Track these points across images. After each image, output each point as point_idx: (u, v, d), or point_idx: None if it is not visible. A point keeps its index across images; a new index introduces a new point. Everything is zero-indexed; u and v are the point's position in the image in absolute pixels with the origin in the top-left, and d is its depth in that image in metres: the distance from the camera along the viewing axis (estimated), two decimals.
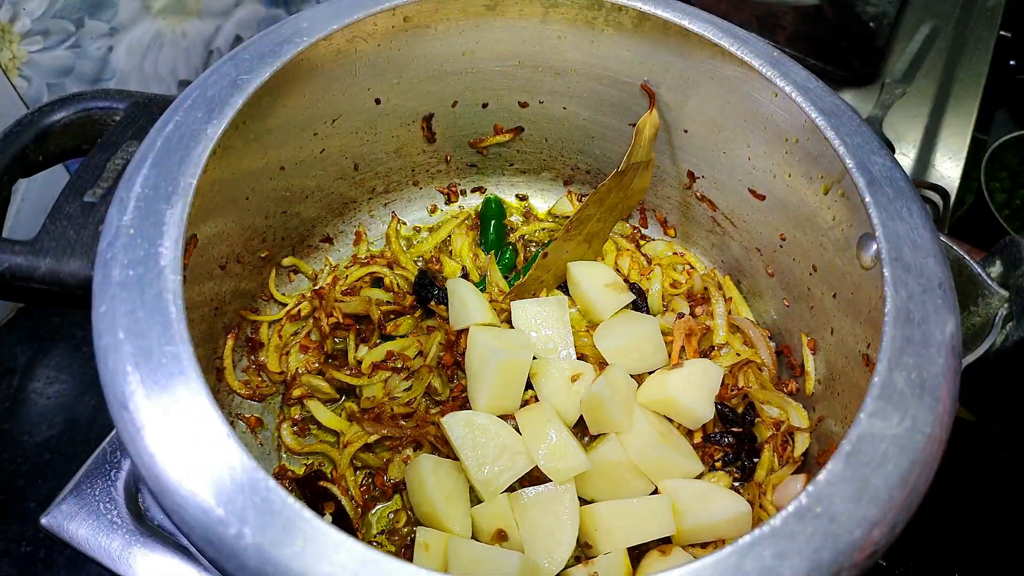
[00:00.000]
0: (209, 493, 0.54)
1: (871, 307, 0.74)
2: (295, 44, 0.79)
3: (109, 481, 0.83)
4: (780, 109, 0.83)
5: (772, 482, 0.85)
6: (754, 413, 0.91)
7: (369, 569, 0.52)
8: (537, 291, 0.99)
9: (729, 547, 0.55)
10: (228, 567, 0.53)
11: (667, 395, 0.87)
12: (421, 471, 0.81)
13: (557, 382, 0.89)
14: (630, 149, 0.95)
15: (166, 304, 0.61)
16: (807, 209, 0.85)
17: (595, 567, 0.77)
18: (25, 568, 1.02)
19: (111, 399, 0.58)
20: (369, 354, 0.93)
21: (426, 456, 0.83)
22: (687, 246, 1.07)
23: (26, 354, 1.19)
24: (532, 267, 0.98)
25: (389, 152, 1.02)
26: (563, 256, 0.99)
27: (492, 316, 0.93)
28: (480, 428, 0.83)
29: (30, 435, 1.12)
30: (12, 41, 1.00)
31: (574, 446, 0.83)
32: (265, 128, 0.82)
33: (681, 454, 0.85)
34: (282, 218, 0.94)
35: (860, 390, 0.70)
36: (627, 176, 0.98)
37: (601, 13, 0.88)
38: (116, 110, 0.80)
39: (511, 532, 0.80)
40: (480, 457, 0.81)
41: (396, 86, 0.94)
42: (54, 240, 0.69)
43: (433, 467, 0.82)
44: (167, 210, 0.66)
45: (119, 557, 0.79)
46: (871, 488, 0.58)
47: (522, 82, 0.98)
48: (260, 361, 0.93)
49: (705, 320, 0.98)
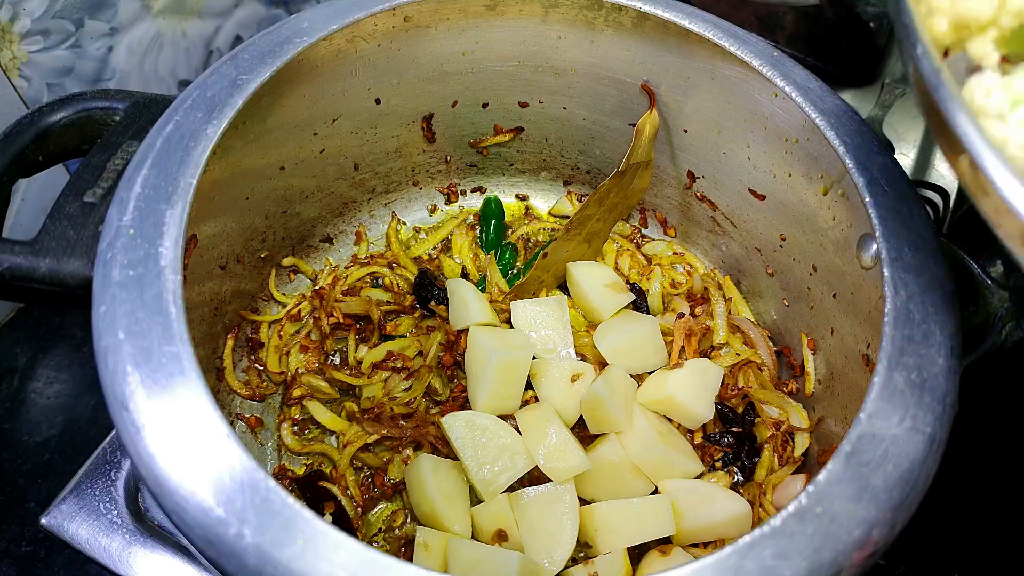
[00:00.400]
0: (209, 493, 0.54)
1: (871, 307, 0.74)
2: (295, 44, 0.79)
3: (109, 481, 0.83)
4: (780, 109, 0.83)
5: (772, 482, 0.85)
6: (754, 413, 0.91)
7: (369, 569, 0.52)
8: (537, 291, 0.99)
9: (729, 547, 0.55)
10: (228, 567, 0.53)
11: (667, 395, 0.87)
12: (421, 471, 0.81)
13: (557, 382, 0.89)
14: (630, 149, 0.95)
15: (166, 304, 0.61)
16: (807, 209, 0.85)
17: (595, 567, 0.77)
18: (25, 568, 1.02)
19: (111, 399, 0.58)
20: (369, 354, 0.93)
21: (426, 456, 0.83)
22: (687, 246, 1.07)
23: (26, 354, 1.19)
24: (532, 267, 0.98)
25: (389, 152, 1.02)
26: (563, 256, 0.99)
27: (492, 316, 0.93)
28: (480, 428, 0.83)
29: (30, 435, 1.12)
30: (12, 41, 1.00)
31: (574, 446, 0.83)
32: (265, 128, 0.82)
33: (681, 454, 0.85)
34: (282, 218, 0.94)
35: (860, 390, 0.70)
36: (627, 176, 0.98)
37: (601, 13, 0.88)
38: (116, 110, 0.80)
39: (511, 532, 0.80)
40: (480, 457, 0.81)
41: (396, 86, 0.94)
42: (54, 240, 0.69)
43: (433, 467, 0.82)
44: (167, 210, 0.66)
45: (119, 557, 0.79)
46: (871, 488, 0.58)
47: (522, 82, 0.98)
48: (260, 361, 0.93)
49: (705, 320, 0.98)
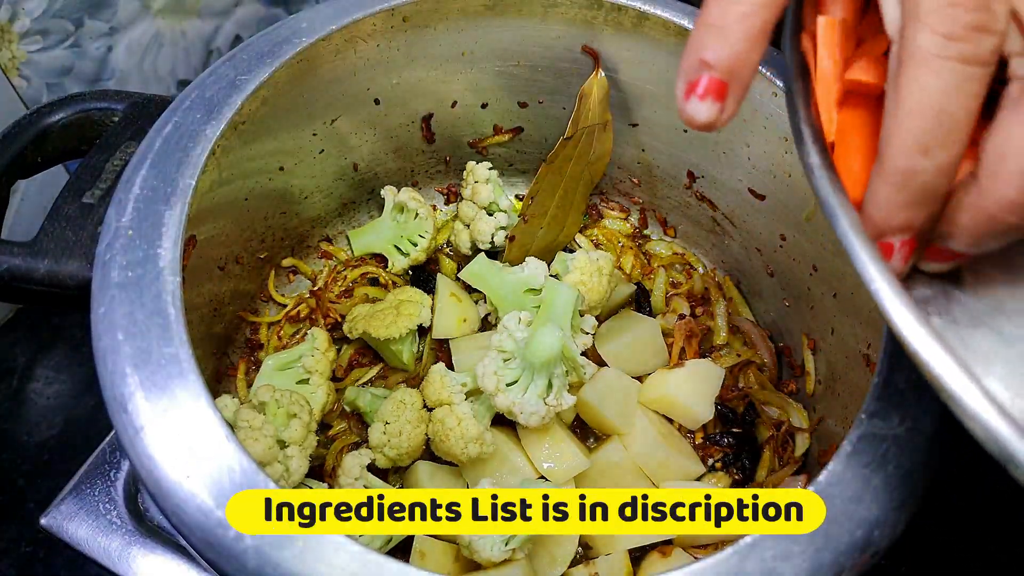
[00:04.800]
0: (208, 495, 0.54)
1: (871, 307, 0.74)
2: (294, 44, 0.79)
3: (108, 481, 0.83)
4: (780, 109, 0.83)
5: (772, 482, 0.85)
6: (754, 413, 0.91)
7: (369, 571, 0.52)
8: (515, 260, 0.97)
9: (730, 548, 0.55)
10: (228, 569, 0.53)
11: (667, 395, 0.87)
12: (419, 478, 0.81)
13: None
14: (575, 114, 0.94)
15: (165, 305, 0.61)
16: (807, 209, 0.85)
17: (596, 568, 0.77)
18: (25, 568, 1.02)
19: (110, 401, 0.58)
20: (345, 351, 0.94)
21: (423, 463, 0.83)
22: (687, 246, 1.07)
23: (26, 354, 1.19)
24: (504, 252, 0.97)
25: (389, 152, 1.02)
26: (537, 235, 0.97)
27: (458, 326, 0.93)
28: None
29: (30, 435, 1.12)
30: (11, 41, 1.00)
31: (572, 446, 0.83)
32: (264, 128, 0.82)
33: (683, 455, 0.85)
34: (281, 218, 0.94)
35: (861, 390, 0.70)
36: (581, 142, 0.95)
37: (601, 13, 0.88)
38: (115, 111, 0.80)
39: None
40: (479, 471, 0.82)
41: (396, 86, 0.94)
42: (53, 241, 0.69)
43: (430, 474, 0.82)
44: (166, 211, 0.66)
45: (119, 557, 0.79)
46: (872, 488, 0.58)
47: (522, 82, 0.98)
48: (259, 362, 0.93)
49: (705, 321, 0.98)
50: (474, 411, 0.79)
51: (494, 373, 0.78)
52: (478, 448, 0.78)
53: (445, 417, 0.79)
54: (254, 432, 0.69)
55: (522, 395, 0.77)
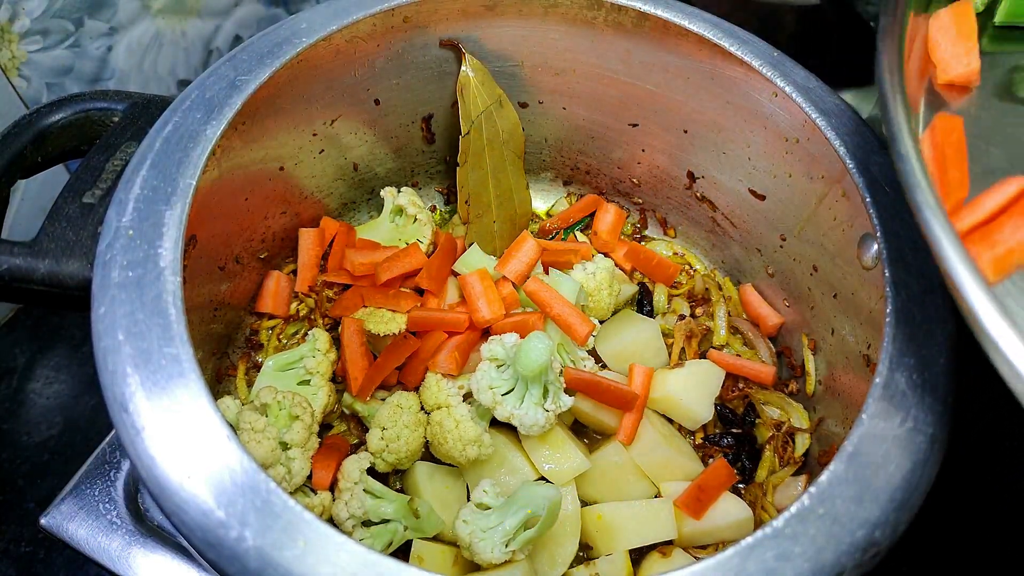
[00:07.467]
0: (209, 495, 0.54)
1: (872, 307, 0.74)
2: (294, 45, 0.79)
3: (108, 481, 0.83)
4: (780, 109, 0.83)
5: (773, 483, 0.85)
6: (754, 414, 0.91)
7: (370, 571, 0.52)
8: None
9: (731, 548, 0.55)
10: (229, 570, 0.53)
11: (667, 395, 0.87)
12: (418, 478, 0.81)
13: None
14: (461, 110, 0.93)
15: (165, 306, 0.61)
16: (807, 209, 0.85)
17: (596, 568, 0.77)
18: (24, 568, 1.01)
19: (111, 401, 0.58)
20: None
21: (423, 463, 0.83)
22: (687, 246, 1.07)
23: (26, 354, 1.18)
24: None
25: (389, 152, 1.02)
26: (492, 229, 0.98)
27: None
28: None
29: (30, 435, 1.11)
30: (11, 41, 1.00)
31: (573, 447, 0.82)
32: (264, 129, 0.82)
33: (683, 456, 0.85)
34: (282, 218, 0.94)
35: (861, 391, 0.70)
36: (485, 129, 0.95)
37: (601, 13, 0.88)
38: (115, 111, 0.80)
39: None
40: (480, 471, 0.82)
41: (396, 86, 0.94)
42: (53, 241, 0.69)
43: (429, 474, 0.82)
44: (166, 211, 0.66)
45: (119, 557, 0.79)
46: (873, 489, 0.58)
47: (522, 82, 0.98)
48: (259, 363, 0.93)
49: (705, 321, 0.98)
50: (472, 413, 0.79)
51: (488, 387, 0.78)
52: (477, 450, 0.78)
53: (443, 420, 0.79)
54: (257, 434, 0.69)
55: (520, 405, 0.77)
